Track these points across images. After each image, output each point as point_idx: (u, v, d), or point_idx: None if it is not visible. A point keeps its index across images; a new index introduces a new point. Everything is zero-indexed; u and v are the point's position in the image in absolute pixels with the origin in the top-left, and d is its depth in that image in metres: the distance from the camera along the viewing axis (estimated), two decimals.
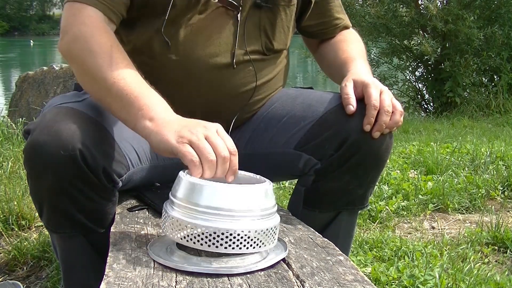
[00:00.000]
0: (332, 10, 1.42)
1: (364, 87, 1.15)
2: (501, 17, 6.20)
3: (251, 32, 1.27)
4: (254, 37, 1.28)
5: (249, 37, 1.26)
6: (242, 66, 1.26)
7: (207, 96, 1.25)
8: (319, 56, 1.49)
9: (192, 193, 0.85)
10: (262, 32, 1.29)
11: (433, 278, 1.63)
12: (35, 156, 1.03)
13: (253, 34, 1.27)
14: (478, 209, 2.48)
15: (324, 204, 1.25)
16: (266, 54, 1.30)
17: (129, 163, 1.13)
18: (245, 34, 1.26)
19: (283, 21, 1.31)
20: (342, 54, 1.36)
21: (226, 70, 1.25)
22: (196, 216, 0.83)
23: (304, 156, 1.21)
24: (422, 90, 6.99)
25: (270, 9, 1.27)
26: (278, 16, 1.29)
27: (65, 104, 1.12)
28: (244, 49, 1.26)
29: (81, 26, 1.09)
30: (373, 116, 1.13)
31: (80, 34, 1.08)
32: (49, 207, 1.09)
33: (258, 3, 1.26)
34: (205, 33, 1.22)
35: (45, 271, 1.83)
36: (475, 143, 3.54)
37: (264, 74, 1.31)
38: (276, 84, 1.36)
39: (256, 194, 0.86)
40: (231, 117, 1.30)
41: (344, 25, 1.45)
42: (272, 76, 1.34)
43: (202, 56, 1.22)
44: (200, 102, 1.26)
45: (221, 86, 1.26)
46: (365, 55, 1.39)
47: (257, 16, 1.27)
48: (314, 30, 1.44)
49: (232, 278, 0.81)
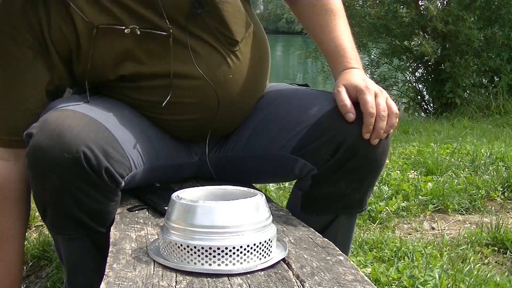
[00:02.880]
0: None
1: (358, 93, 1.14)
2: (501, 18, 6.20)
3: (209, 40, 1.21)
4: (213, 43, 1.21)
5: (209, 47, 1.21)
6: (223, 68, 1.22)
7: (204, 102, 1.24)
8: (300, 17, 1.38)
9: (185, 214, 0.85)
10: (219, 34, 1.22)
11: (433, 279, 1.63)
12: (39, 159, 1.03)
13: (211, 41, 1.21)
14: (478, 210, 2.48)
15: (322, 208, 1.24)
16: (234, 47, 1.24)
17: (131, 164, 1.14)
18: (203, 47, 1.21)
19: (230, 12, 1.23)
20: (331, 41, 1.27)
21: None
22: (193, 236, 0.83)
23: (300, 161, 1.21)
24: (422, 91, 6.99)
25: (211, 11, 1.20)
26: (224, 13, 1.21)
27: (65, 106, 1.12)
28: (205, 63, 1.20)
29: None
30: (371, 124, 1.12)
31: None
32: (54, 210, 1.09)
33: (195, 12, 1.18)
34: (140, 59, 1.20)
35: (45, 271, 1.83)
36: (475, 144, 3.54)
37: (244, 65, 1.25)
38: (263, 64, 1.31)
39: (248, 208, 0.85)
40: (227, 123, 1.29)
41: None
42: (254, 62, 1.28)
43: (156, 87, 1.21)
44: (194, 111, 1.25)
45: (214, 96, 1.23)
46: (349, 29, 1.31)
47: (202, 24, 1.20)
48: None
49: (232, 278, 0.81)
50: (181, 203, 0.86)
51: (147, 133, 1.22)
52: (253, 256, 0.84)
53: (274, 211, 1.14)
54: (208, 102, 1.23)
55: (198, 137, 1.30)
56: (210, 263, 0.82)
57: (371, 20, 6.46)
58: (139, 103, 1.24)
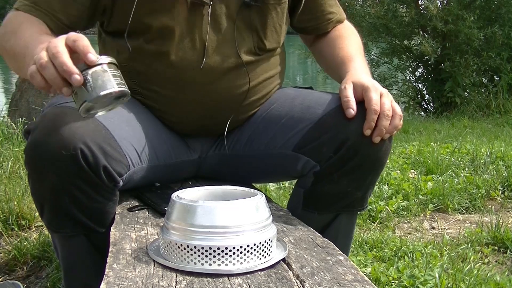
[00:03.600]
0: (324, 4, 1.39)
1: (364, 90, 1.15)
2: (501, 17, 6.20)
3: (242, 32, 1.26)
4: (245, 37, 1.27)
5: (240, 38, 1.25)
6: (234, 68, 1.26)
7: (200, 99, 1.26)
8: (316, 52, 1.48)
9: (185, 214, 0.85)
10: (254, 32, 1.27)
11: (433, 278, 1.63)
12: (36, 156, 1.03)
13: (244, 34, 1.26)
14: (478, 209, 2.48)
15: (323, 206, 1.25)
16: (259, 54, 1.29)
17: (129, 163, 1.13)
18: (236, 34, 1.25)
19: (274, 20, 1.29)
20: (339, 52, 1.34)
21: (217, 73, 1.24)
22: (193, 236, 0.83)
23: (302, 158, 1.21)
24: (422, 90, 6.99)
25: (260, 8, 1.26)
26: (269, 15, 1.28)
27: (65, 104, 1.12)
28: (235, 50, 1.25)
29: (8, 26, 1.19)
30: (373, 121, 1.12)
31: (5, 31, 1.18)
32: (50, 207, 1.09)
33: (247, 2, 1.24)
34: (192, 37, 1.22)
35: (45, 271, 1.83)
36: (475, 143, 3.54)
37: (258, 74, 1.30)
38: (273, 83, 1.36)
39: (248, 208, 0.85)
40: (226, 119, 1.30)
41: (338, 20, 1.42)
42: (268, 76, 1.33)
43: (192, 60, 1.22)
44: (194, 106, 1.26)
45: (214, 89, 1.25)
46: (362, 50, 1.37)
47: (247, 15, 1.26)
48: (307, 25, 1.42)
49: (232, 278, 0.81)
50: (181, 203, 0.86)
51: (145, 131, 1.22)
52: (253, 256, 0.84)
53: (274, 211, 1.14)
54: (239, 82, 1.27)
55: (199, 129, 1.32)
56: (210, 263, 0.82)
57: (371, 19, 6.45)
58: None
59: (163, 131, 1.29)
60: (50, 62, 0.91)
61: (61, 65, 0.90)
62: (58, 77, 0.91)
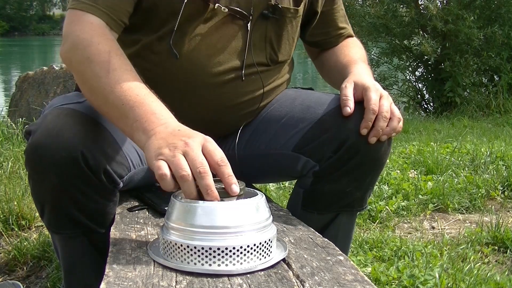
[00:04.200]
0: (336, 20, 1.42)
1: (364, 90, 1.15)
2: (501, 17, 6.20)
3: (257, 43, 1.26)
4: (259, 48, 1.27)
5: (254, 48, 1.25)
6: (248, 77, 1.26)
7: (211, 105, 1.25)
8: (320, 63, 1.49)
9: (185, 214, 0.85)
10: (268, 44, 1.28)
11: (433, 278, 1.63)
12: (37, 157, 1.03)
13: (259, 45, 1.26)
14: (478, 209, 2.48)
15: (323, 206, 1.25)
16: (270, 65, 1.30)
17: (130, 164, 1.14)
18: (251, 45, 1.24)
19: (289, 33, 1.30)
20: (344, 58, 1.36)
21: (232, 81, 1.24)
22: (193, 236, 0.83)
23: (302, 158, 1.21)
24: (422, 90, 6.99)
25: (277, 20, 1.26)
26: (284, 28, 1.28)
27: (66, 105, 1.12)
28: (251, 60, 1.25)
29: (80, 33, 1.07)
30: (370, 120, 1.12)
31: (79, 41, 1.06)
32: (51, 208, 1.09)
33: (266, 14, 1.24)
34: (211, 42, 1.21)
35: (45, 271, 1.83)
36: (475, 143, 3.54)
37: (267, 84, 1.31)
38: (279, 90, 1.36)
39: (248, 208, 0.85)
40: (234, 124, 1.30)
41: (348, 35, 1.45)
42: (275, 85, 1.34)
43: (207, 65, 1.21)
44: (203, 111, 1.25)
45: (226, 97, 1.25)
46: (366, 59, 1.39)
47: (263, 27, 1.25)
48: (318, 39, 1.44)
49: (232, 278, 0.81)
50: (181, 203, 0.86)
51: None
52: (253, 256, 0.84)
53: (274, 211, 1.14)
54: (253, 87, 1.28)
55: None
56: (210, 263, 0.82)
57: (371, 19, 6.45)
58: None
59: None
60: (192, 179, 0.85)
61: (206, 188, 0.85)
62: (196, 194, 0.86)
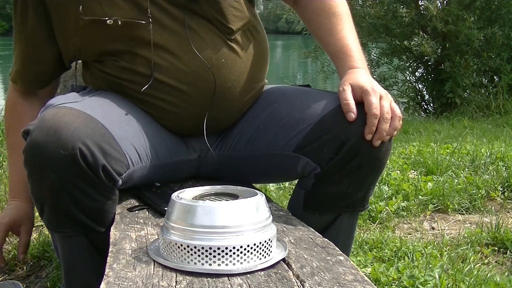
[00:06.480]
0: None
1: (364, 93, 1.15)
2: (501, 18, 6.21)
3: (200, 28, 1.23)
4: (206, 31, 1.24)
5: (199, 35, 1.23)
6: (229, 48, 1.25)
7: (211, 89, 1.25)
8: (301, 16, 1.41)
9: (185, 214, 0.85)
10: (214, 20, 1.24)
11: (433, 279, 1.63)
12: (35, 156, 1.04)
13: (203, 29, 1.24)
14: (478, 209, 2.48)
15: (324, 207, 1.25)
16: (231, 38, 1.26)
17: (129, 162, 1.14)
18: (189, 33, 1.22)
19: (227, 1, 1.25)
20: (336, 42, 1.29)
21: (200, 72, 1.23)
22: (193, 236, 0.83)
23: (302, 160, 1.21)
24: (422, 91, 7.00)
25: None
26: (221, 2, 1.24)
27: (63, 104, 1.12)
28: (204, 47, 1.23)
29: (6, 103, 1.45)
30: (374, 125, 1.12)
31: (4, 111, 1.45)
32: (50, 207, 1.09)
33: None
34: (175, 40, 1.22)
35: (45, 271, 1.83)
36: (475, 143, 3.54)
37: (237, 67, 1.27)
38: (259, 73, 1.33)
39: (248, 208, 0.85)
40: (219, 117, 1.30)
41: None
42: (245, 66, 1.29)
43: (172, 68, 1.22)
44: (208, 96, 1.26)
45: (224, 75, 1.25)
46: (355, 32, 1.32)
47: (199, 9, 1.23)
48: None
49: (232, 278, 0.81)
50: (181, 203, 0.86)
51: (144, 130, 1.22)
52: (253, 256, 0.84)
53: (274, 211, 1.14)
54: (204, 84, 1.24)
55: (195, 129, 1.30)
56: (210, 263, 0.82)
57: (371, 20, 6.46)
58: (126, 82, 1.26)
59: (163, 130, 1.29)
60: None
61: None
62: None
